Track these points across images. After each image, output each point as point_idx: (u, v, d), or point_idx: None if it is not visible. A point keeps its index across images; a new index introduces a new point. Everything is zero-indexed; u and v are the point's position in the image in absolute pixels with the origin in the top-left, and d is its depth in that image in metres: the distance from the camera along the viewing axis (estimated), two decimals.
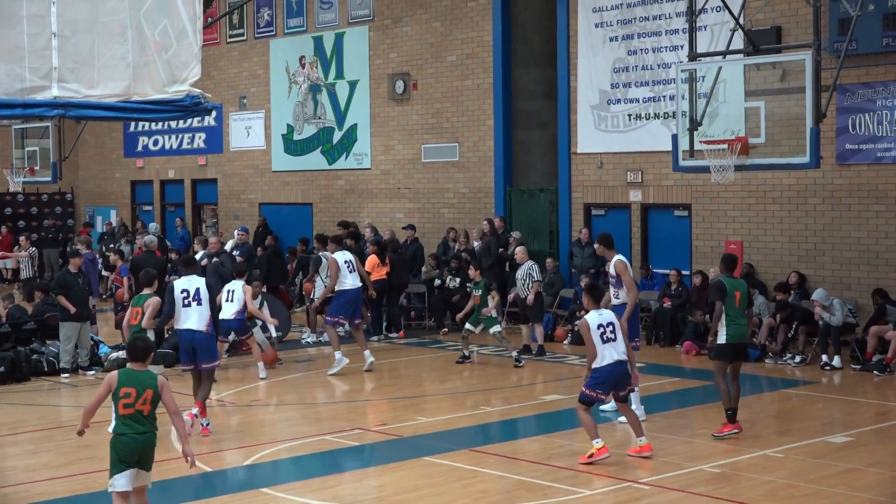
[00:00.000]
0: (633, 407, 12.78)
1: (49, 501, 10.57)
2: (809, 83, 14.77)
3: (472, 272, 18.02)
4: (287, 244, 27.10)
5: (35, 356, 17.38)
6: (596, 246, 14.54)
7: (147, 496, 8.76)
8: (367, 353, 17.17)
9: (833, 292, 18.06)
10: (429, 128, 25.44)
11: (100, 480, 11.02)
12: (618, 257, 13.96)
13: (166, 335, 16.21)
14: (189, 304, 13.16)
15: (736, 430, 12.53)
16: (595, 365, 11.35)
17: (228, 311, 16.21)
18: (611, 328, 11.46)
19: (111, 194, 34.76)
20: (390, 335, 20.99)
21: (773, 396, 15.50)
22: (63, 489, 10.94)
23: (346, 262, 17.08)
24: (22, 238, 23.21)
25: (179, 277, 13.81)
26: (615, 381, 11.50)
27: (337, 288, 17.00)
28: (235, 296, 16.38)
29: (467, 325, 17.67)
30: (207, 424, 13.09)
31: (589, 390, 11.39)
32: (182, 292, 13.17)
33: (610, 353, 11.36)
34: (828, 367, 17.15)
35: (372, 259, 20.77)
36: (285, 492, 10.67)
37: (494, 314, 17.69)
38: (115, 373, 8.62)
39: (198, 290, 13.22)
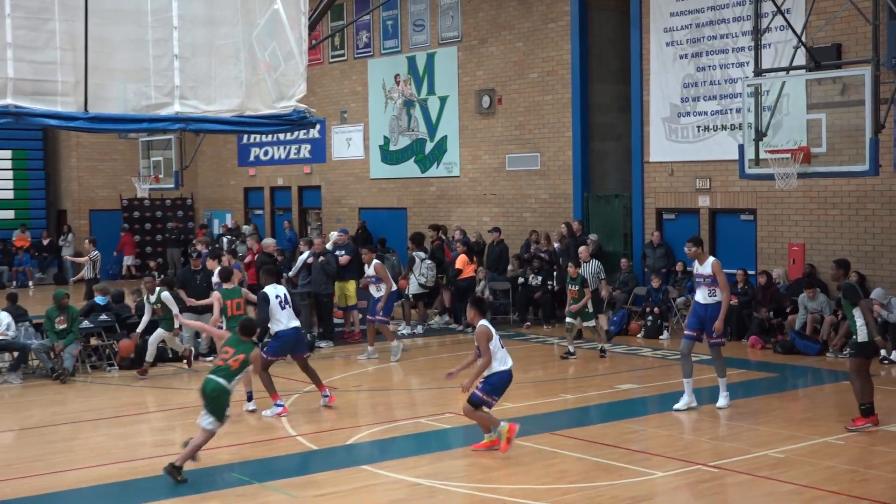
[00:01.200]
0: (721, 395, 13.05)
1: None
2: (868, 96, 14.57)
3: (570, 269, 17.85)
4: (388, 244, 27.28)
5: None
6: (688, 249, 13.94)
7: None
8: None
9: (891, 291, 17.80)
10: (512, 139, 25.46)
11: (217, 456, 11.26)
12: (713, 259, 13.58)
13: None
14: (284, 308, 13.54)
15: (871, 424, 12.07)
16: (490, 371, 11.05)
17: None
18: (498, 338, 11.21)
19: (226, 200, 35.29)
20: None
21: (834, 388, 15.24)
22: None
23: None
24: (87, 242, 23.86)
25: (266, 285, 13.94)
26: (506, 387, 11.29)
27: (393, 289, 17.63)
28: None
29: (568, 319, 17.70)
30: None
31: (483, 394, 11.06)
32: (276, 297, 13.51)
33: (506, 361, 11.18)
34: (886, 361, 16.87)
35: (462, 258, 20.93)
36: (382, 469, 10.76)
37: (590, 309, 17.71)
38: (228, 332, 10.91)
39: (285, 294, 13.77)
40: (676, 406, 13.28)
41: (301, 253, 20.56)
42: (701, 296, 13.50)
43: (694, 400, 13.36)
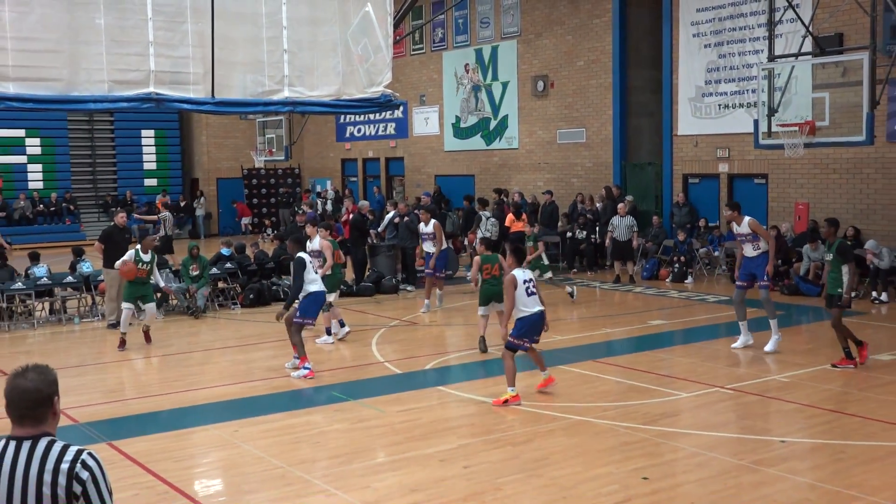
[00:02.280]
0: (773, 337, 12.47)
1: (285, 392, 10.94)
2: (866, 77, 14.25)
3: (527, 229, 17.68)
4: (455, 206, 27.35)
5: (274, 287, 17.98)
6: (726, 212, 13.18)
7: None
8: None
9: (882, 242, 17.45)
10: (562, 117, 25.24)
11: (320, 378, 11.41)
12: (748, 218, 12.47)
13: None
14: (318, 272, 12.42)
15: (852, 366, 11.48)
16: (520, 316, 9.89)
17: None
18: (532, 284, 9.95)
19: (327, 169, 35.53)
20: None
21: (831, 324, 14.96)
22: (295, 384, 11.31)
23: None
24: (159, 203, 23.77)
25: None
26: (538, 328, 10.03)
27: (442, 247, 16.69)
28: None
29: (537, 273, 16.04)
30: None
31: (515, 339, 9.94)
32: (310, 262, 12.02)
33: (534, 304, 9.91)
34: (877, 301, 16.59)
35: (509, 217, 20.74)
36: (454, 389, 10.85)
37: (545, 262, 17.30)
38: (479, 257, 12.58)
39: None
40: (735, 345, 12.74)
41: (388, 213, 20.65)
42: (747, 251, 12.69)
43: (750, 338, 12.83)
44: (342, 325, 13.99)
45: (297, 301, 11.67)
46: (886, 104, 17.76)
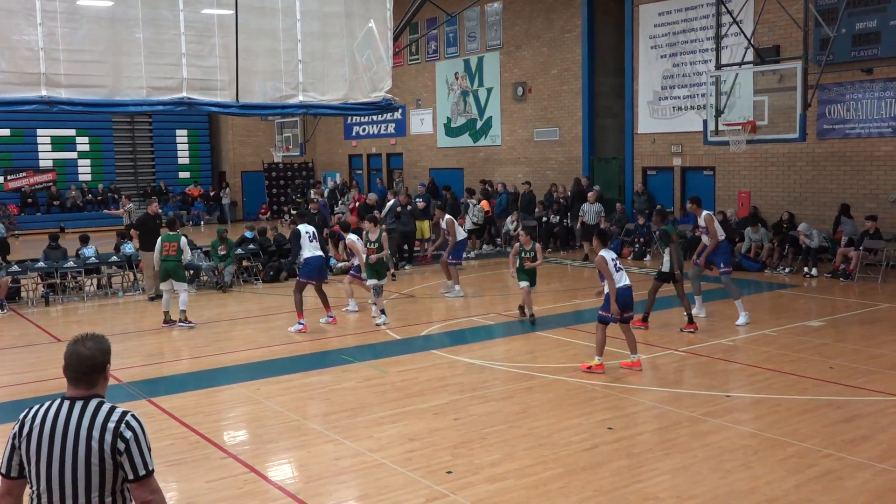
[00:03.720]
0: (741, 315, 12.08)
1: (300, 356, 10.90)
2: (799, 83, 14.21)
3: (655, 219, 16.93)
4: (442, 195, 27.24)
5: (291, 265, 17.85)
6: (688, 205, 12.81)
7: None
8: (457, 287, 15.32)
9: (813, 225, 17.43)
10: (539, 118, 25.10)
11: (331, 343, 11.38)
12: (706, 212, 12.29)
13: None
14: (312, 241, 12.36)
15: (642, 327, 11.70)
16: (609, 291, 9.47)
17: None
18: (618, 261, 9.62)
19: (336, 163, 35.34)
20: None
21: (770, 295, 14.99)
22: (308, 348, 11.28)
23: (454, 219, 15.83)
24: (124, 197, 23.55)
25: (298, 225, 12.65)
26: (629, 301, 9.57)
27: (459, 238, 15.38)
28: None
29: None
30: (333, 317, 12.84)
31: (605, 312, 9.53)
32: (306, 233, 12.32)
33: (623, 279, 9.54)
34: (808, 276, 16.58)
35: (484, 202, 20.65)
36: (447, 353, 10.81)
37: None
38: (518, 245, 12.01)
39: (314, 231, 12.55)
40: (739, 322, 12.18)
41: (389, 201, 20.53)
42: (705, 240, 12.53)
43: (702, 311, 12.68)
44: (382, 312, 12.74)
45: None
46: (816, 106, 17.74)
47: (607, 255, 9.52)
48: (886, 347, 10.56)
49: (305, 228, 12.44)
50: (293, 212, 29.24)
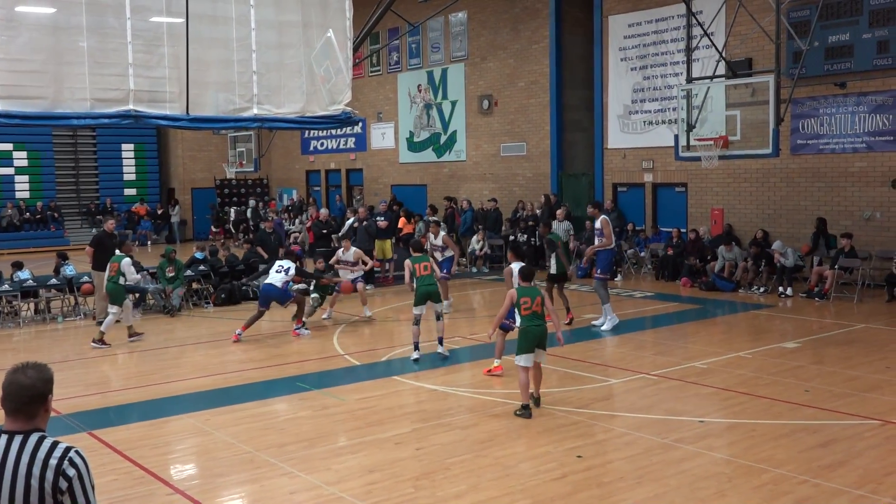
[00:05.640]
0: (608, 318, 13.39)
1: (254, 383, 10.81)
2: (772, 97, 14.49)
3: (541, 229, 17.58)
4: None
5: (244, 287, 17.77)
6: (590, 210, 14.34)
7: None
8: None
9: (787, 243, 17.75)
10: (505, 132, 25.30)
11: (286, 370, 11.31)
12: (603, 216, 13.94)
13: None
14: (279, 272, 13.83)
15: (569, 318, 13.85)
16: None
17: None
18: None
19: (293, 179, 35.24)
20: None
21: (745, 316, 15.20)
22: (263, 375, 11.19)
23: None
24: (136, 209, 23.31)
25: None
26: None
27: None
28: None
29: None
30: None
31: (507, 321, 10.17)
32: (279, 266, 13.97)
33: None
34: (783, 296, 16.85)
35: (402, 220, 20.69)
36: (409, 379, 10.80)
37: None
38: (514, 290, 9.12)
39: (288, 268, 13.92)
40: (595, 323, 13.81)
41: (348, 219, 20.51)
42: (597, 241, 13.92)
43: (616, 319, 13.78)
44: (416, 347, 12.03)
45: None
46: (790, 121, 18.12)
47: (515, 267, 10.54)
48: (863, 369, 10.77)
49: (283, 264, 13.83)
50: (249, 235, 29.12)
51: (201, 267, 17.71)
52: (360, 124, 26.66)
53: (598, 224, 13.87)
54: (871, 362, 11.18)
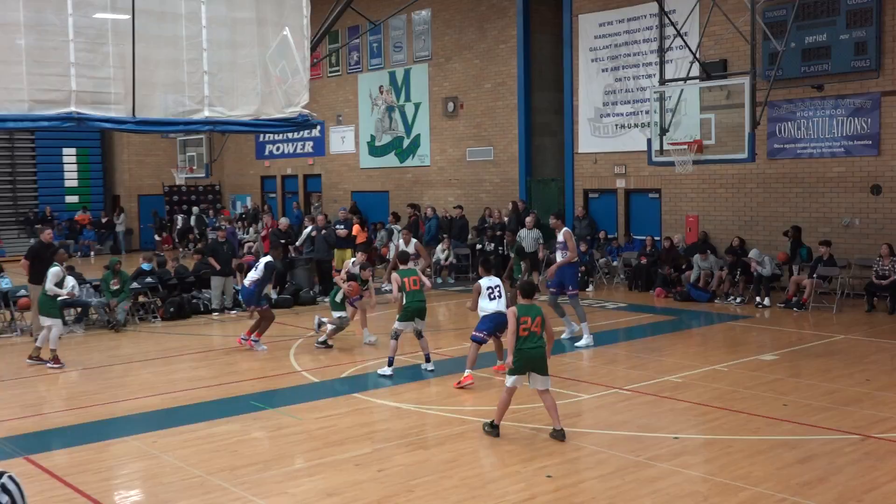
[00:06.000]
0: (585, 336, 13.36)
1: (205, 402, 10.70)
2: (747, 100, 14.66)
3: (508, 237, 17.73)
4: (370, 220, 27.27)
5: (194, 301, 17.63)
6: (553, 221, 14.23)
7: (549, 395, 8.82)
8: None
9: (764, 251, 17.98)
10: (471, 136, 25.38)
11: (239, 388, 11.22)
12: (565, 229, 13.85)
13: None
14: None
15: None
16: (482, 314, 11.00)
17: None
18: (498, 290, 11.06)
19: (247, 185, 35.02)
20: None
21: (721, 327, 15.37)
22: (214, 394, 11.08)
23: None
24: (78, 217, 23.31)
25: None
26: (495, 325, 10.99)
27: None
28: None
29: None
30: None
31: (477, 332, 11.04)
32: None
33: (494, 307, 10.91)
34: (760, 306, 17.06)
35: (356, 227, 20.69)
36: (370, 396, 10.76)
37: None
38: (515, 307, 8.68)
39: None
40: (577, 344, 13.48)
41: (306, 227, 20.43)
42: (558, 258, 13.85)
43: (568, 331, 13.94)
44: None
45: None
46: (766, 124, 18.39)
47: (483, 282, 11.09)
48: (842, 382, 10.93)
49: (261, 260, 13.73)
50: (199, 244, 28.86)
51: (148, 279, 17.51)
52: (319, 127, 26.64)
53: (560, 237, 13.74)
54: (850, 374, 11.36)
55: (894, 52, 17.20)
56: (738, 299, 17.59)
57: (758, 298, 17.28)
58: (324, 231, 19.25)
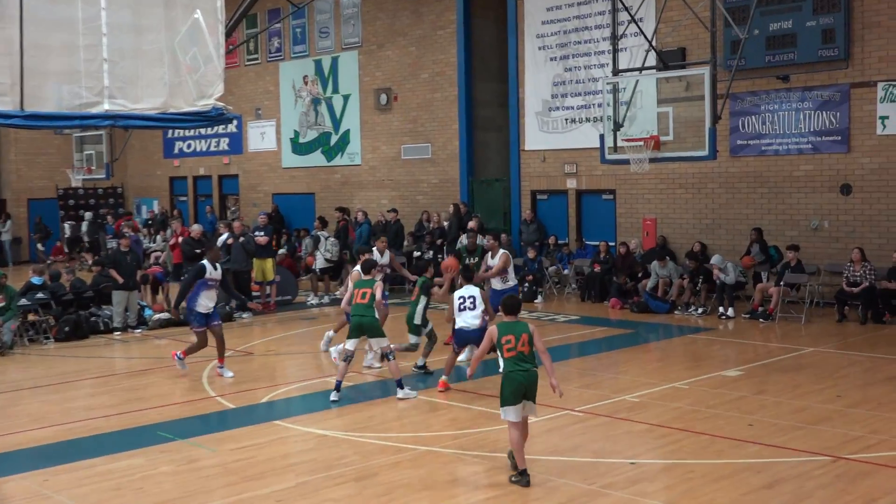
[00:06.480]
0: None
1: (105, 434, 10.49)
2: (708, 92, 14.88)
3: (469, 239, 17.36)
4: (294, 226, 27.14)
5: (93, 318, 17.34)
6: (490, 242, 14.56)
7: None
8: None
9: (727, 257, 18.27)
10: (407, 131, 25.41)
11: (145, 417, 11.04)
12: (503, 251, 14.30)
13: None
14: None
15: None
16: (457, 326, 11.91)
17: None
18: (471, 300, 11.76)
19: (153, 188, 34.57)
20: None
21: (681, 340, 15.59)
22: (116, 424, 10.88)
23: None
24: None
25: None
26: (466, 338, 11.86)
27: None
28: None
29: None
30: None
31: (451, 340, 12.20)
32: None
33: (460, 322, 11.74)
34: (723, 317, 17.34)
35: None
36: (293, 423, 10.67)
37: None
38: (494, 326, 8.43)
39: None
40: (460, 358, 12.79)
41: (221, 234, 20.21)
42: (495, 283, 14.11)
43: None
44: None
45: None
46: (728, 119, 18.73)
47: (457, 292, 11.81)
48: (811, 398, 11.17)
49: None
50: (98, 255, 28.37)
51: (40, 294, 17.14)
52: (235, 122, 26.27)
53: (496, 260, 14.08)
54: (820, 390, 11.61)
55: (864, 40, 17.67)
56: (700, 310, 17.86)
57: (721, 308, 17.56)
58: (241, 238, 19.07)
